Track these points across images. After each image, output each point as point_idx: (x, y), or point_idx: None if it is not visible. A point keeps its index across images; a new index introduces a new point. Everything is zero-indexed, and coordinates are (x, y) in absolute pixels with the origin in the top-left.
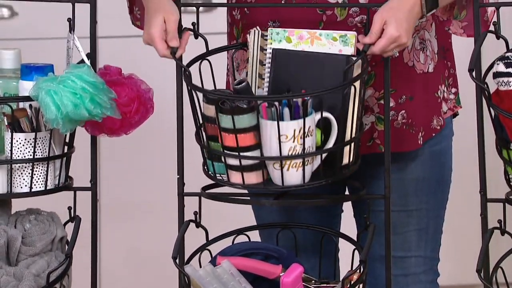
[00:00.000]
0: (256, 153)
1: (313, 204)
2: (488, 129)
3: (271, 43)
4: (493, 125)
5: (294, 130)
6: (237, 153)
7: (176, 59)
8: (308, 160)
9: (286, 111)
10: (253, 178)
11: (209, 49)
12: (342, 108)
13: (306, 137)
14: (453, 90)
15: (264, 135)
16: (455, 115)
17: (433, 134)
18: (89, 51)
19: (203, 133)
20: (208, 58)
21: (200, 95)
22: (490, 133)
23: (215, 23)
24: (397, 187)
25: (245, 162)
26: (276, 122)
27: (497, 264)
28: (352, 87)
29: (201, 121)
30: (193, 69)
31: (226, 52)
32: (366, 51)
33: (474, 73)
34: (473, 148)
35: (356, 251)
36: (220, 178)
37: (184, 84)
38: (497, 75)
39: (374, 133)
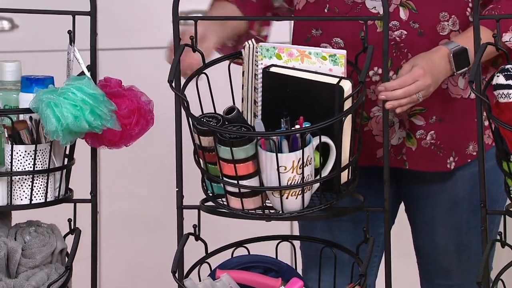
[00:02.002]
0: (255, 180)
1: (314, 219)
2: None
3: (261, 59)
4: (493, 137)
5: (293, 162)
6: (236, 182)
7: (174, 88)
8: (307, 187)
9: (285, 143)
10: (251, 203)
11: (207, 62)
12: (338, 132)
13: (305, 166)
14: None
15: (262, 165)
16: None
17: (469, 160)
18: (89, 63)
19: (201, 159)
20: (206, 71)
21: None
22: None
23: None
24: (437, 209)
25: (244, 189)
26: (274, 154)
27: (497, 277)
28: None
29: (198, 149)
30: (192, 84)
31: (227, 63)
32: (363, 81)
33: (474, 85)
34: None
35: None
36: (220, 201)
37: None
38: (497, 87)
39: (403, 149)
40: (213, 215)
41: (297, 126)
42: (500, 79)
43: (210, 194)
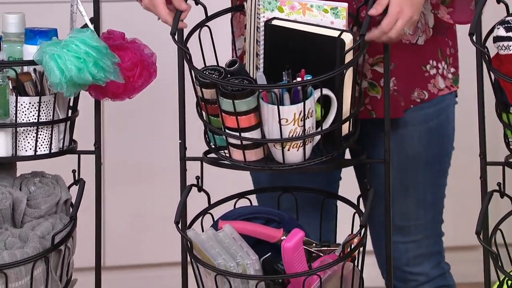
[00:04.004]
0: (257, 132)
1: (315, 170)
2: (488, 93)
3: (263, 12)
4: (493, 89)
5: (295, 114)
6: (238, 134)
7: (176, 41)
8: (308, 140)
9: (286, 95)
10: (253, 155)
11: (209, 15)
12: (339, 85)
13: (307, 119)
14: (452, 69)
15: (264, 118)
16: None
17: (411, 106)
18: (93, 16)
19: (204, 111)
20: (208, 24)
21: None
22: (490, 97)
23: None
24: (393, 159)
25: (246, 141)
26: (276, 107)
27: (496, 226)
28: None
29: (200, 102)
30: (195, 36)
31: (230, 16)
32: (364, 34)
33: (474, 37)
34: (473, 112)
35: (356, 215)
36: (223, 153)
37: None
38: (497, 39)
39: (366, 98)
40: (216, 167)
41: (299, 79)
42: (500, 31)
43: (213, 146)
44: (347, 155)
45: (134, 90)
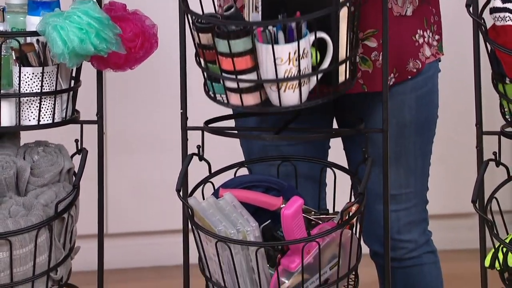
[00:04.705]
0: (253, 75)
1: (313, 139)
2: (484, 64)
3: None
4: (489, 60)
5: (289, 53)
6: (234, 76)
7: None
8: (304, 81)
9: (281, 34)
10: (251, 99)
11: None
12: (335, 27)
13: (301, 59)
14: (437, 37)
15: (260, 58)
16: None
17: (409, 77)
18: None
19: (201, 58)
20: None
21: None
22: (486, 68)
23: None
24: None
25: (242, 84)
26: (271, 46)
27: (491, 195)
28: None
29: (198, 48)
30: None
31: None
32: None
33: (471, 9)
34: (469, 82)
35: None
36: (220, 99)
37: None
38: (493, 10)
39: (357, 73)
40: (217, 136)
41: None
42: (497, 2)
43: (212, 95)
44: (335, 127)
45: (136, 61)
